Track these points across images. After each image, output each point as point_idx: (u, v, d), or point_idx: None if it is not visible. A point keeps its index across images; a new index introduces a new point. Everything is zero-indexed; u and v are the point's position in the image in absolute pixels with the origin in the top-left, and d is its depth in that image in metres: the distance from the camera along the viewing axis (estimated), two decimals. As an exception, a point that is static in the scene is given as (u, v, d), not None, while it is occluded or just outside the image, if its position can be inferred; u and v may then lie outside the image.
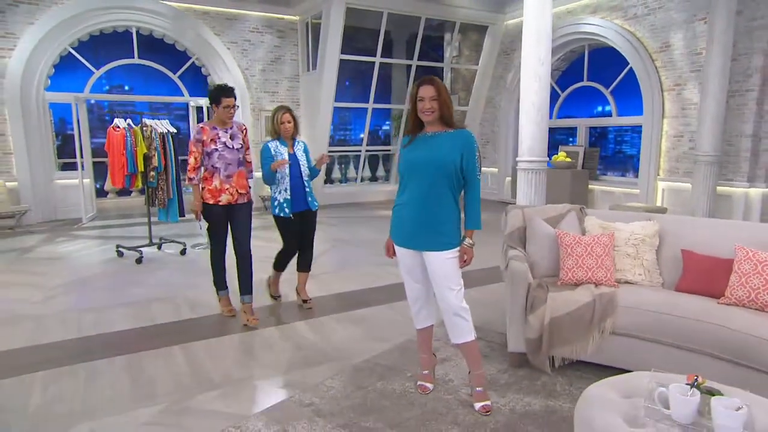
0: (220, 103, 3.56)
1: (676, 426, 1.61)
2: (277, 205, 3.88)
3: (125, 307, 4.19)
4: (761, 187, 6.89)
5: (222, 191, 3.65)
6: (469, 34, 11.54)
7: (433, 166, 2.48)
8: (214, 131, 3.63)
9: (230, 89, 3.60)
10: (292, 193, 3.84)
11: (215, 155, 3.62)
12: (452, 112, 2.49)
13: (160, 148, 5.71)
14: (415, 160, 2.53)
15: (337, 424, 2.45)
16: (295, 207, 3.87)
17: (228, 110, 3.58)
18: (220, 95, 3.55)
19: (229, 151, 3.65)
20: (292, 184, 3.84)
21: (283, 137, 3.83)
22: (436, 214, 2.50)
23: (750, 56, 6.76)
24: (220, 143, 3.62)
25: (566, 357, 2.93)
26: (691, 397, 1.63)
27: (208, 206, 3.67)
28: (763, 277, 2.60)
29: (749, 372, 2.39)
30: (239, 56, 9.60)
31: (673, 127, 7.89)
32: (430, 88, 2.44)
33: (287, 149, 3.85)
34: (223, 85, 3.64)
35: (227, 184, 3.66)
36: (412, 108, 2.51)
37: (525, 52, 5.13)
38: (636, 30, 8.20)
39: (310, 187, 3.97)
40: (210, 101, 3.64)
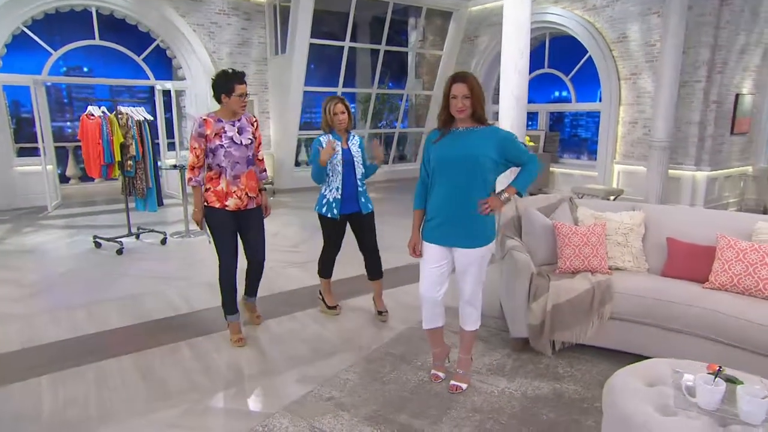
0: (232, 91, 3.05)
1: (704, 414, 1.79)
2: (325, 204, 3.53)
3: (116, 302, 4.09)
4: (706, 171, 7.40)
5: (229, 194, 3.17)
6: (434, 20, 11.58)
7: (467, 163, 2.52)
8: (219, 124, 3.12)
9: (242, 74, 3.12)
10: (343, 192, 3.48)
11: (221, 152, 3.12)
12: (484, 109, 2.53)
13: (137, 136, 5.52)
14: (448, 157, 2.57)
15: (362, 417, 2.53)
16: (344, 209, 3.52)
17: (242, 99, 3.10)
18: (232, 82, 3.04)
19: (236, 148, 3.15)
20: (345, 182, 3.47)
21: (337, 131, 3.47)
22: (467, 211, 2.56)
23: (698, 49, 7.17)
24: (226, 138, 3.11)
25: (566, 341, 3.12)
26: (717, 386, 1.81)
27: (211, 210, 3.18)
28: (744, 264, 2.86)
29: (736, 351, 2.64)
30: (206, 39, 9.27)
31: (629, 114, 8.29)
32: (463, 86, 2.46)
33: (341, 144, 3.48)
34: (232, 70, 3.12)
35: (234, 186, 3.18)
36: (444, 104, 2.55)
37: (505, 44, 5.27)
38: (595, 21, 8.49)
39: (364, 188, 3.60)
40: (218, 91, 3.08)
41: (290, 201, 9.02)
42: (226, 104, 3.13)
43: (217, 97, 3.11)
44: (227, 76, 3.08)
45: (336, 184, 3.47)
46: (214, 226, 3.23)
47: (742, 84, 7.51)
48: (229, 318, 3.40)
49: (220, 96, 3.10)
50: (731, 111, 7.40)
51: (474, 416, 2.55)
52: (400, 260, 5.13)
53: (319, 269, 3.81)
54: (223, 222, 3.21)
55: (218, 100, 3.13)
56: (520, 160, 2.62)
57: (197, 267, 5.07)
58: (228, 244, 3.26)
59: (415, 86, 12.08)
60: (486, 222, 2.61)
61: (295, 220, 7.40)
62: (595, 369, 3.02)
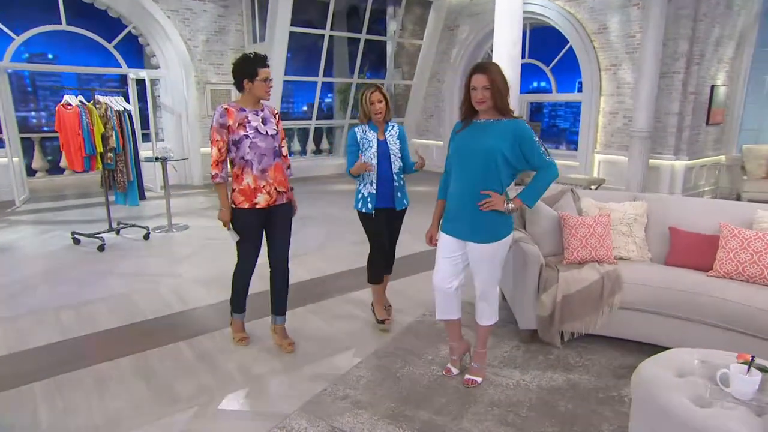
0: (255, 75, 2.81)
1: (740, 404, 1.81)
2: (360, 199, 3.30)
3: (105, 301, 3.91)
4: (684, 160, 7.60)
5: (258, 191, 2.91)
6: (413, 9, 11.48)
7: (481, 156, 2.46)
8: (242, 113, 2.85)
9: (264, 56, 2.89)
10: (378, 186, 3.25)
11: (245, 144, 2.84)
12: (507, 101, 2.45)
13: (117, 127, 5.27)
14: (464, 149, 2.53)
15: (381, 416, 2.48)
16: (379, 202, 3.28)
17: (267, 84, 2.87)
18: (255, 65, 2.81)
19: (262, 138, 2.87)
20: (380, 175, 3.24)
21: (374, 121, 3.24)
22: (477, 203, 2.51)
23: (677, 41, 7.33)
24: (250, 128, 2.84)
25: (576, 331, 3.14)
26: (752, 376, 1.82)
27: (239, 212, 2.93)
28: (749, 252, 2.92)
29: (745, 338, 2.70)
30: (181, 25, 8.92)
31: (609, 104, 8.42)
32: (482, 77, 2.39)
33: (377, 135, 3.25)
34: (254, 54, 2.89)
35: (263, 180, 2.91)
36: (465, 95, 2.49)
37: (497, 34, 5.25)
38: (576, 12, 8.56)
39: (401, 182, 3.36)
40: (239, 77, 2.85)
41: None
42: (249, 91, 2.88)
43: (239, 83, 2.88)
44: (249, 60, 2.85)
45: (370, 178, 3.24)
46: (241, 228, 2.97)
47: (717, 76, 7.72)
48: (234, 315, 3.23)
49: (241, 82, 2.87)
50: (707, 102, 7.60)
51: (493, 410, 2.54)
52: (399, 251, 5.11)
53: (369, 275, 3.47)
54: (251, 223, 2.96)
55: (240, 88, 2.90)
56: (534, 162, 2.48)
57: (186, 263, 4.90)
58: (253, 246, 3.03)
59: (394, 76, 11.98)
60: (499, 218, 2.54)
61: (280, 213, 7.24)
62: (604, 358, 3.05)
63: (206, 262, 4.91)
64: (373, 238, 3.38)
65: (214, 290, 4.14)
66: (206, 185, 9.32)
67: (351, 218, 3.07)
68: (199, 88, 9.30)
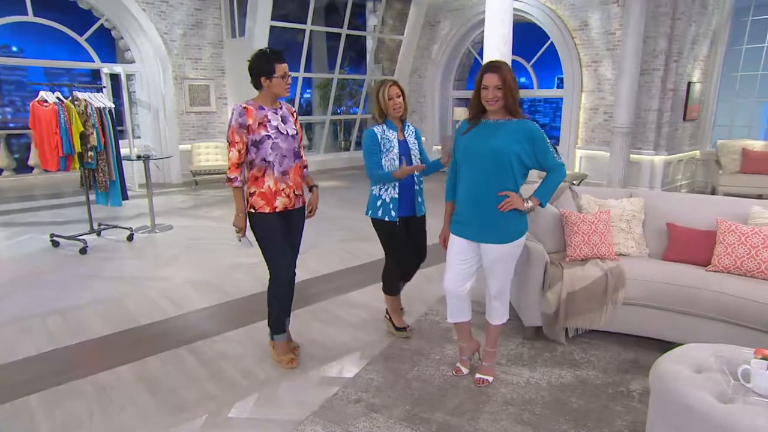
0: (273, 72, 2.66)
1: (762, 398, 1.85)
2: (381, 206, 3.04)
3: (94, 307, 3.76)
4: (663, 155, 7.81)
5: (278, 194, 2.75)
6: (394, 4, 11.43)
7: (491, 156, 2.43)
8: (261, 112, 2.69)
9: (281, 52, 2.73)
10: (400, 192, 3.04)
11: (267, 145, 2.67)
12: (518, 101, 2.43)
13: (98, 124, 5.07)
14: (473, 149, 2.50)
15: (397, 419, 2.45)
16: (402, 210, 3.07)
17: (285, 80, 2.70)
18: (272, 62, 2.66)
19: (283, 139, 2.72)
20: (402, 182, 3.03)
21: (391, 118, 3.02)
22: (492, 206, 2.48)
23: (656, 39, 7.50)
24: (271, 128, 2.69)
25: (580, 327, 3.17)
26: (772, 372, 1.87)
27: (259, 216, 2.75)
28: (747, 247, 3.00)
29: (745, 330, 2.78)
30: (156, 19, 8.65)
31: (590, 100, 8.58)
32: (494, 76, 2.37)
33: (397, 134, 3.04)
34: (269, 49, 2.73)
35: (283, 183, 2.76)
36: (475, 94, 2.46)
37: (488, 32, 5.27)
38: (557, 8, 8.67)
39: (420, 186, 3.15)
40: (256, 74, 2.71)
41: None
42: (267, 88, 2.73)
43: (256, 81, 2.74)
44: (265, 56, 2.70)
45: (392, 182, 3.04)
46: (264, 234, 2.77)
47: (693, 73, 7.93)
48: (276, 338, 2.95)
49: (259, 80, 2.72)
50: (684, 98, 7.80)
51: (508, 409, 2.54)
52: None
53: (384, 285, 3.28)
54: (275, 228, 2.77)
55: (257, 86, 2.77)
56: (546, 163, 2.48)
57: (174, 265, 4.76)
58: (284, 252, 2.81)
59: (375, 72, 11.91)
60: (512, 217, 2.51)
61: (266, 211, 7.11)
62: (608, 354, 3.09)
63: (194, 264, 4.78)
64: (394, 249, 3.15)
65: (207, 293, 4.04)
66: (185, 183, 9.10)
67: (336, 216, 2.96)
68: (177, 84, 9.05)
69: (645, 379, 2.81)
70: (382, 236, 3.16)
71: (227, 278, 4.39)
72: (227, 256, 4.98)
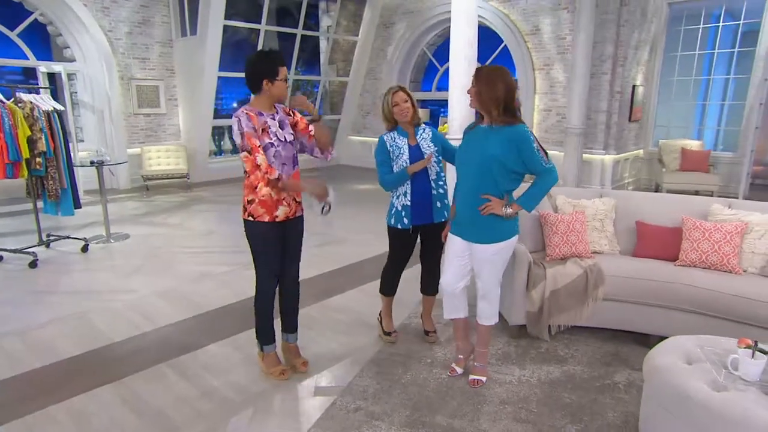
0: (276, 75, 2.54)
1: (749, 385, 1.98)
2: (394, 214, 3.02)
3: (56, 325, 3.50)
4: (612, 154, 8.23)
5: (279, 203, 2.66)
6: (347, 5, 11.40)
7: (477, 162, 2.52)
8: (261, 118, 2.58)
9: (280, 53, 2.62)
10: (413, 198, 2.97)
11: (270, 153, 2.58)
12: (499, 106, 2.47)
13: (47, 129, 4.73)
14: (465, 153, 2.61)
15: (400, 425, 2.44)
16: (416, 218, 3.00)
17: (285, 83, 2.61)
18: (275, 64, 2.54)
19: (283, 146, 2.64)
20: (415, 188, 2.96)
21: (401, 124, 2.98)
22: (476, 207, 2.56)
23: (604, 44, 7.89)
24: (272, 135, 2.60)
25: (562, 324, 3.29)
26: (757, 359, 2.01)
27: (258, 225, 2.66)
28: (710, 242, 3.21)
29: (715, 320, 2.97)
30: (99, 15, 8.18)
31: (544, 102, 8.90)
32: (474, 80, 2.53)
33: (407, 140, 3.00)
34: (270, 50, 2.60)
35: (284, 191, 2.69)
36: None
37: (454, 35, 5.32)
38: (510, 12, 8.94)
39: (439, 191, 3.04)
40: (258, 77, 2.55)
41: (209, 195, 8.41)
42: (268, 92, 2.58)
43: (257, 84, 2.57)
44: (267, 57, 2.56)
45: (404, 189, 2.96)
46: (259, 242, 2.70)
47: (636, 77, 8.40)
48: (265, 348, 2.87)
49: (260, 83, 2.56)
50: (629, 101, 8.25)
51: (506, 408, 2.59)
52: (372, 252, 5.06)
53: (382, 285, 3.25)
54: (271, 238, 2.70)
55: (256, 89, 2.60)
56: (533, 168, 2.52)
57: (138, 276, 4.52)
58: (273, 262, 2.75)
59: (329, 73, 11.82)
60: (499, 220, 2.57)
61: (227, 217, 6.91)
62: (590, 348, 3.22)
63: (160, 274, 4.56)
64: (398, 254, 3.12)
65: (179, 305, 3.87)
66: (135, 189, 8.67)
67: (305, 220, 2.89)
68: (123, 84, 8.60)
69: (627, 371, 2.95)
70: (391, 241, 3.13)
71: (197, 288, 4.22)
72: (193, 265, 4.79)
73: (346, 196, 8.27)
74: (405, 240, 3.07)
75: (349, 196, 8.11)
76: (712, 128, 9.24)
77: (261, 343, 2.89)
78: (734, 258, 3.16)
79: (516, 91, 2.57)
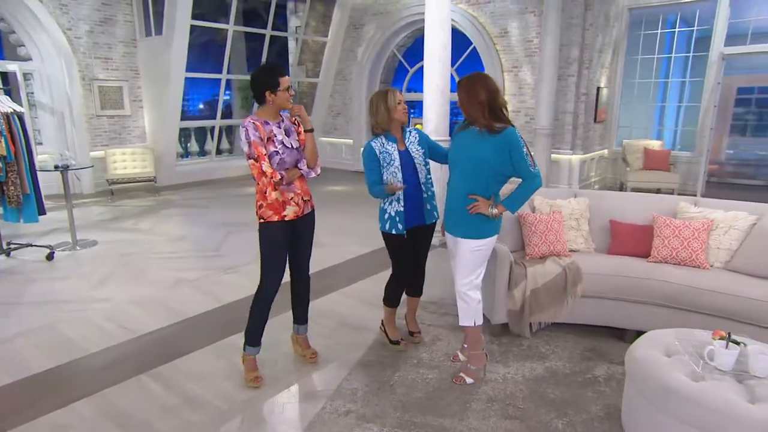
0: (278, 86, 2.63)
1: (724, 375, 2.09)
2: (388, 219, 2.98)
3: (25, 337, 3.36)
4: (579, 154, 8.48)
5: (287, 203, 2.76)
6: (316, 6, 11.34)
7: (470, 162, 2.63)
8: (267, 127, 2.68)
9: (281, 65, 2.69)
10: (406, 202, 2.96)
11: (275, 161, 2.67)
12: (485, 111, 2.55)
13: (6, 132, 4.53)
14: (456, 153, 2.73)
15: (391, 426, 2.46)
16: (409, 221, 2.99)
17: (289, 93, 2.70)
18: (277, 75, 2.64)
19: (289, 153, 2.73)
20: (407, 193, 2.94)
21: (393, 129, 2.94)
22: (464, 206, 2.67)
23: (570, 47, 8.12)
24: (278, 143, 2.69)
25: (543, 321, 3.37)
26: (731, 350, 2.12)
27: (268, 226, 2.75)
28: (680, 239, 3.36)
29: (687, 314, 3.11)
30: (57, 12, 7.86)
31: (513, 103, 9.07)
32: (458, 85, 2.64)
33: (396, 146, 2.94)
34: (272, 63, 2.72)
35: (290, 192, 2.77)
36: None
37: (428, 38, 5.38)
38: (479, 15, 9.09)
39: (429, 193, 3.04)
40: (260, 89, 2.65)
41: (179, 199, 8.21)
42: (272, 102, 2.68)
43: (260, 96, 2.68)
44: (268, 70, 2.67)
45: (396, 195, 2.95)
46: (268, 242, 2.78)
47: (600, 79, 8.68)
48: (248, 350, 2.88)
49: (263, 94, 2.67)
50: (594, 102, 8.51)
51: (493, 406, 2.64)
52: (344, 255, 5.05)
53: (385, 296, 3.21)
54: (279, 238, 2.78)
55: (261, 100, 2.69)
56: (521, 171, 2.61)
57: (110, 283, 4.37)
58: (280, 263, 2.82)
59: (298, 74, 11.73)
60: (480, 219, 2.68)
61: (199, 220, 6.77)
62: (569, 344, 3.31)
63: (134, 281, 4.43)
64: (401, 262, 3.09)
65: (156, 313, 3.77)
66: (99, 193, 8.38)
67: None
68: (85, 85, 8.29)
69: (606, 365, 3.06)
70: (389, 249, 3.10)
71: (174, 295, 4.12)
72: (168, 271, 4.67)
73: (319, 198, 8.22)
74: (402, 245, 3.05)
75: (322, 198, 8.05)
76: (671, 129, 9.65)
77: (246, 343, 2.89)
78: (702, 254, 3.31)
79: (498, 91, 2.64)
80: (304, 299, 3.10)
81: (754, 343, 2.24)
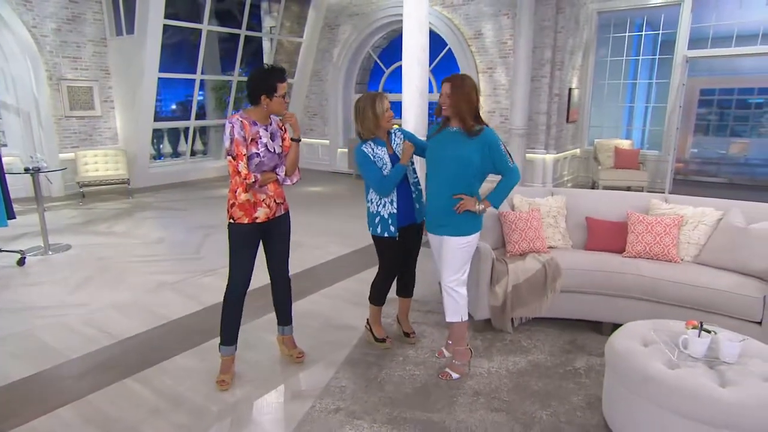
0: (275, 91, 2.61)
1: (697, 361, 2.21)
2: (379, 222, 2.97)
3: (2, 344, 3.26)
4: (553, 154, 8.69)
5: (258, 204, 2.72)
6: (291, 6, 11.28)
7: (453, 163, 2.70)
8: (254, 128, 2.65)
9: (282, 69, 2.67)
10: (399, 204, 2.96)
11: (253, 162, 2.64)
12: (472, 111, 2.66)
13: (-24, 134, 4.37)
14: (436, 154, 2.77)
15: (381, 422, 2.50)
16: (400, 221, 2.99)
17: (284, 100, 2.69)
18: (274, 80, 2.60)
19: (270, 157, 2.70)
20: (400, 194, 2.96)
21: (381, 133, 2.93)
22: (449, 205, 2.73)
23: (543, 49, 8.32)
24: (261, 146, 2.66)
25: (524, 316, 3.46)
26: (702, 338, 2.23)
27: (238, 227, 2.72)
28: (653, 234, 3.50)
29: (661, 306, 3.24)
30: (21, 9, 7.61)
31: (488, 104, 9.22)
32: (446, 84, 2.68)
33: (386, 149, 2.92)
34: (271, 66, 2.66)
35: (262, 194, 2.74)
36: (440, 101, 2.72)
37: (407, 40, 5.46)
38: (453, 17, 9.21)
39: (417, 192, 3.07)
40: (257, 91, 2.62)
41: (154, 201, 8.07)
42: (266, 106, 2.66)
43: (255, 98, 2.64)
44: (267, 74, 2.62)
45: (391, 196, 2.94)
46: (236, 245, 2.76)
47: (572, 80, 8.91)
48: (223, 350, 2.86)
49: (259, 97, 2.63)
50: (566, 103, 8.73)
51: (479, 399, 2.71)
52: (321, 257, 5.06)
53: (372, 294, 3.23)
54: (249, 240, 2.77)
55: (255, 102, 2.65)
56: (500, 168, 2.74)
57: (88, 288, 4.28)
58: (247, 262, 2.79)
59: (273, 74, 11.63)
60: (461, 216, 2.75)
61: (175, 223, 6.66)
62: (550, 338, 3.41)
63: (113, 285, 4.35)
64: (390, 264, 3.11)
65: (137, 317, 3.72)
66: (69, 196, 8.16)
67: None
68: (53, 85, 8.06)
69: (585, 357, 3.17)
70: (380, 251, 3.10)
71: (155, 299, 4.07)
72: (147, 275, 4.60)
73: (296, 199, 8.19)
74: (394, 247, 3.05)
75: (299, 199, 8.04)
76: (639, 128, 9.98)
77: (221, 342, 2.88)
78: (673, 248, 3.46)
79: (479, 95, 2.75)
80: (285, 300, 3.09)
81: (723, 331, 2.37)
